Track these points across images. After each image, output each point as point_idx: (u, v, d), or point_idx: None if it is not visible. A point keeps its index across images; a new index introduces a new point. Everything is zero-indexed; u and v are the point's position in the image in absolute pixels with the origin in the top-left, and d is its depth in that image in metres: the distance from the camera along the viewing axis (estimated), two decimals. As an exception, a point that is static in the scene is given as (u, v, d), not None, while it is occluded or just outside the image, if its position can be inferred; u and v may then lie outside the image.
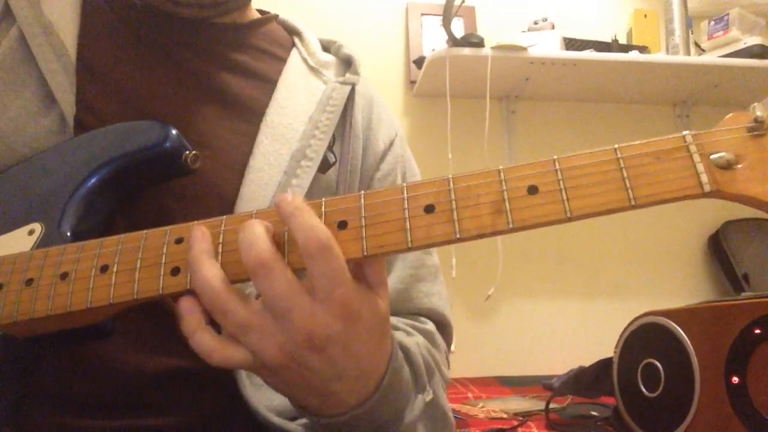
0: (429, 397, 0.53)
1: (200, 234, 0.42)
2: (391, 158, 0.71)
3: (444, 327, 0.67)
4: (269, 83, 0.67)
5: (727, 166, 0.37)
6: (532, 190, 0.39)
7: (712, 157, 0.38)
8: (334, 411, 0.45)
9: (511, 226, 0.39)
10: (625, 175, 0.38)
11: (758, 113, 0.37)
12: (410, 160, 0.76)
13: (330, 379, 0.42)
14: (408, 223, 0.40)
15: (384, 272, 0.44)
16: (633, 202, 0.38)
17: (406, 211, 0.40)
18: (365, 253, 0.40)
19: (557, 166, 0.39)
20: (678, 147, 0.38)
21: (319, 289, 0.39)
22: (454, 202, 0.40)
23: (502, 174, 0.40)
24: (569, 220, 0.38)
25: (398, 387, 0.48)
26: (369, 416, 0.46)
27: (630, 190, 0.38)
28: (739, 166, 0.37)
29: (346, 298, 0.39)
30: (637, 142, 0.39)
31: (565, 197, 0.38)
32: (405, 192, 0.41)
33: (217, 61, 0.66)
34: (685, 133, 0.39)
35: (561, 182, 0.39)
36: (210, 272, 0.40)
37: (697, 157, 0.38)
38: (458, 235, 0.39)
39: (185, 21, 0.65)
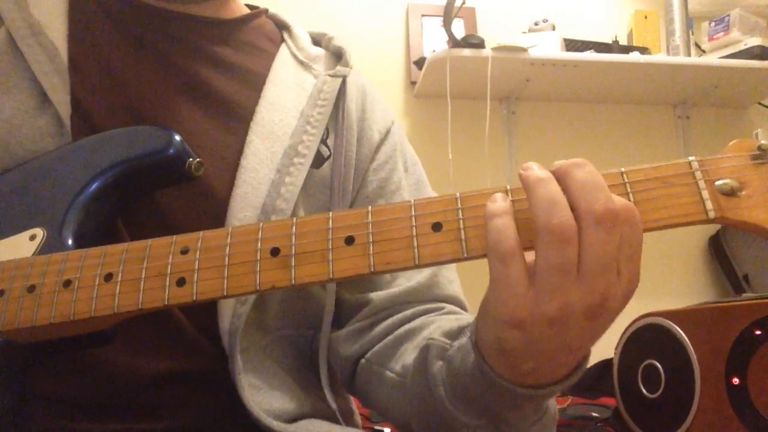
0: None
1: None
2: (388, 148, 0.70)
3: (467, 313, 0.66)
4: (258, 79, 0.66)
5: (731, 193, 0.38)
6: None
7: (716, 183, 0.38)
8: (544, 380, 0.43)
9: None
10: (631, 199, 0.38)
11: (762, 141, 0.38)
12: (408, 149, 0.74)
13: (575, 349, 0.41)
14: (416, 240, 0.40)
15: None
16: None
17: (414, 228, 0.40)
18: (372, 270, 0.40)
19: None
20: (684, 173, 0.39)
21: (623, 261, 0.38)
22: (461, 221, 0.40)
23: (510, 195, 0.39)
24: None
25: None
26: (555, 392, 0.44)
27: None
28: (743, 193, 0.38)
29: (636, 277, 0.39)
30: (644, 166, 0.39)
31: None
32: (413, 209, 0.41)
33: (206, 58, 0.65)
34: (690, 158, 0.39)
35: None
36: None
37: (702, 184, 0.38)
38: (466, 254, 0.39)
39: (171, 15, 0.65)
